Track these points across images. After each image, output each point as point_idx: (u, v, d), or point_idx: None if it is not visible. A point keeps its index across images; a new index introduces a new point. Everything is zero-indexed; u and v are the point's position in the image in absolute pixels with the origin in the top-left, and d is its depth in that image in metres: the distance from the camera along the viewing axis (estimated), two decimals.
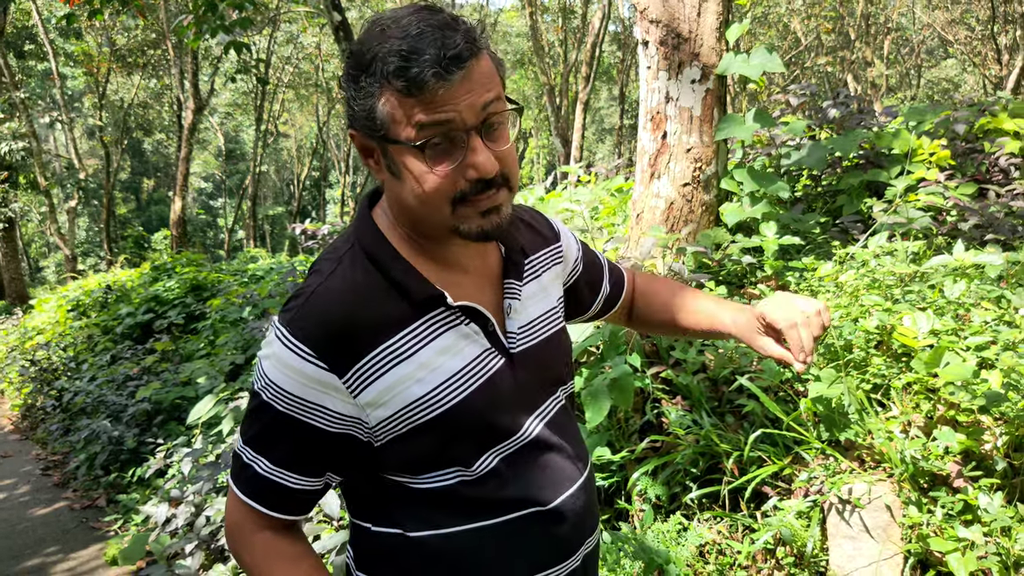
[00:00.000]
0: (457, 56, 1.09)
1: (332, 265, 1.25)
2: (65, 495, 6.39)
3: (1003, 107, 5.12)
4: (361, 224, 1.29)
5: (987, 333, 2.97)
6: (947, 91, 30.67)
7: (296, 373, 1.18)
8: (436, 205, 1.18)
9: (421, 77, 1.08)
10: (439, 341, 1.23)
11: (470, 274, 1.33)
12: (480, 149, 1.14)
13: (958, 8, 24.02)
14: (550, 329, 1.44)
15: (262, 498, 1.26)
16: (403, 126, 1.13)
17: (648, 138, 4.65)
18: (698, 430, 3.31)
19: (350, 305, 1.20)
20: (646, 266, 4.26)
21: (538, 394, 1.37)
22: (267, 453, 1.24)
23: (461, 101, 1.11)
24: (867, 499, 2.73)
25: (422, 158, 1.14)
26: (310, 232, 5.80)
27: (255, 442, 1.25)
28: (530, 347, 1.37)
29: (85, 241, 39.46)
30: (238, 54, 7.88)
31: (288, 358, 1.18)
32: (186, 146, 18.66)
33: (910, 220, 4.02)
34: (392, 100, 1.12)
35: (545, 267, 1.49)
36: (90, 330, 10.39)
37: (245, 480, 1.27)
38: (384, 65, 1.10)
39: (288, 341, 1.18)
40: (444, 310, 1.25)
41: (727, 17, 4.49)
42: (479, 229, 1.20)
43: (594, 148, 42.83)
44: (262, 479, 1.25)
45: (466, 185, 1.16)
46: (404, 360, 1.21)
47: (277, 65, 28.44)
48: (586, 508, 1.42)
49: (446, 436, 1.23)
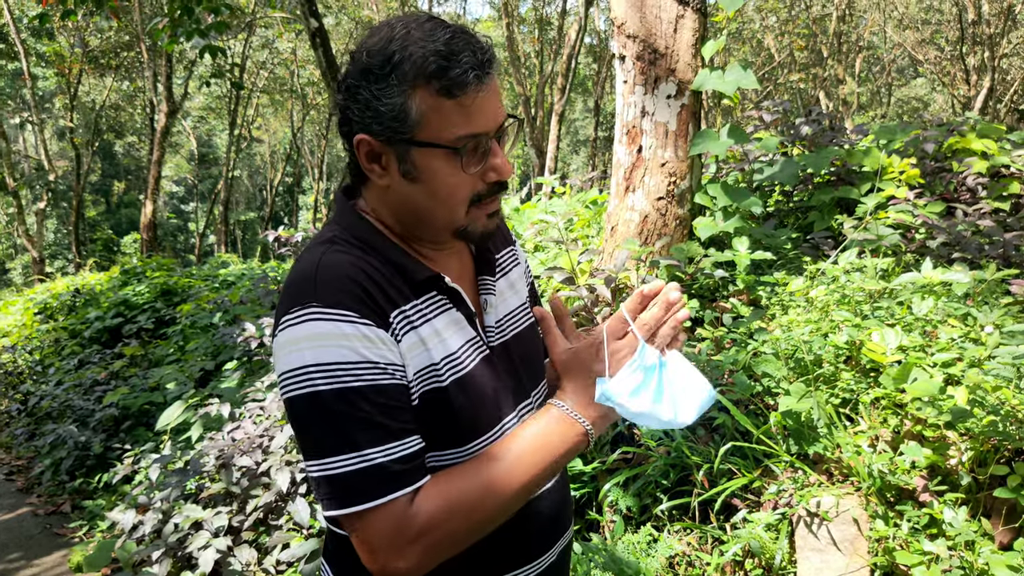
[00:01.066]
0: (490, 60, 1.16)
1: (323, 247, 1.24)
2: (29, 500, 6.30)
3: (971, 127, 5.21)
4: (350, 217, 1.29)
5: (954, 350, 3.01)
6: (917, 110, 31.12)
7: (348, 339, 1.12)
8: (454, 206, 1.22)
9: (463, 79, 1.12)
10: (439, 319, 1.26)
11: (450, 271, 1.35)
12: (499, 154, 1.21)
13: (928, 29, 24.42)
14: (524, 323, 1.47)
15: (400, 481, 1.14)
16: (433, 127, 1.15)
17: (624, 151, 4.68)
18: (669, 442, 3.33)
19: (360, 271, 1.19)
20: (620, 278, 4.29)
21: (520, 387, 1.38)
22: (385, 437, 1.13)
23: (488, 107, 1.17)
24: (835, 512, 2.76)
25: (454, 160, 1.17)
26: (283, 239, 5.77)
27: (369, 440, 1.13)
28: (507, 340, 1.39)
29: (53, 243, 38.92)
30: (213, 58, 7.84)
31: (333, 329, 1.12)
32: (158, 149, 18.48)
33: (880, 237, 4.08)
34: (428, 100, 1.14)
35: (511, 265, 1.52)
36: (57, 334, 10.25)
37: (391, 476, 1.13)
38: (421, 65, 1.12)
39: (324, 314, 1.12)
40: (437, 294, 1.27)
41: (703, 33, 4.54)
42: (483, 229, 1.26)
43: (568, 159, 42.96)
44: (401, 459, 1.14)
45: (483, 188, 1.22)
46: (416, 327, 1.22)
47: (252, 70, 28.26)
48: (564, 501, 1.46)
49: (442, 413, 1.23)
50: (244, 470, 3.97)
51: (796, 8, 22.29)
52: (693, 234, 4.65)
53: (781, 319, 3.74)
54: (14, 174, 21.46)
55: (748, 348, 3.52)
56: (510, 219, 6.80)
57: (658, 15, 4.45)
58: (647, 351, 1.21)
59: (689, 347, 3.84)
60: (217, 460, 4.10)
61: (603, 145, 28.55)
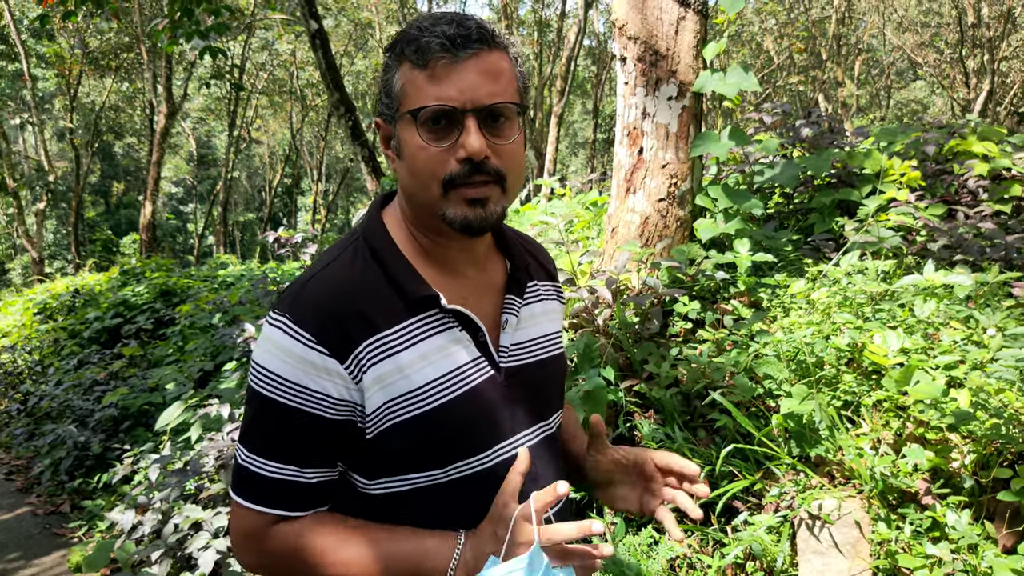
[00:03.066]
0: (466, 36, 1.16)
1: (334, 255, 1.28)
2: (28, 500, 6.29)
3: (972, 130, 5.21)
4: (369, 221, 1.32)
5: (956, 352, 3.01)
6: (916, 112, 31.15)
7: (297, 360, 1.17)
8: (426, 182, 1.20)
9: (428, 45, 1.15)
10: (430, 341, 1.24)
11: (470, 282, 1.34)
12: (473, 132, 1.17)
13: (927, 31, 24.45)
14: (547, 353, 1.44)
15: (281, 502, 1.22)
16: (409, 99, 1.18)
17: (624, 153, 4.68)
18: (670, 444, 3.33)
19: (346, 294, 1.21)
20: (620, 279, 4.29)
21: (525, 416, 1.36)
22: (279, 454, 1.21)
23: (464, 81, 1.16)
24: (837, 515, 2.76)
25: (417, 130, 1.18)
26: (283, 239, 5.76)
27: (266, 447, 1.21)
28: (522, 366, 1.37)
29: (52, 244, 38.90)
30: (213, 59, 7.84)
31: (289, 345, 1.17)
32: (158, 150, 18.47)
33: (881, 239, 4.08)
34: (406, 74, 1.19)
35: (548, 297, 1.51)
36: (57, 334, 10.24)
37: (258, 489, 1.22)
38: (403, 41, 1.18)
39: (288, 328, 1.18)
40: (437, 312, 1.26)
41: (704, 35, 4.54)
42: (463, 218, 1.21)
43: (567, 161, 42.98)
44: (279, 483, 1.21)
45: (456, 167, 1.19)
46: (395, 354, 1.21)
47: (251, 71, 28.26)
48: (563, 510, 1.42)
49: (423, 437, 1.22)
50: None
51: (795, 11, 22.32)
52: (694, 236, 4.64)
53: (782, 321, 3.74)
54: (14, 175, 21.48)
55: (749, 350, 3.52)
56: (510, 220, 6.79)
57: (659, 17, 4.45)
58: (541, 557, 1.13)
59: (691, 349, 3.84)
60: (216, 460, 4.09)
61: (602, 147, 28.57)
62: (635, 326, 4.13)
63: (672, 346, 3.92)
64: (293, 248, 5.99)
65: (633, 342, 4.02)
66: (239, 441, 1.24)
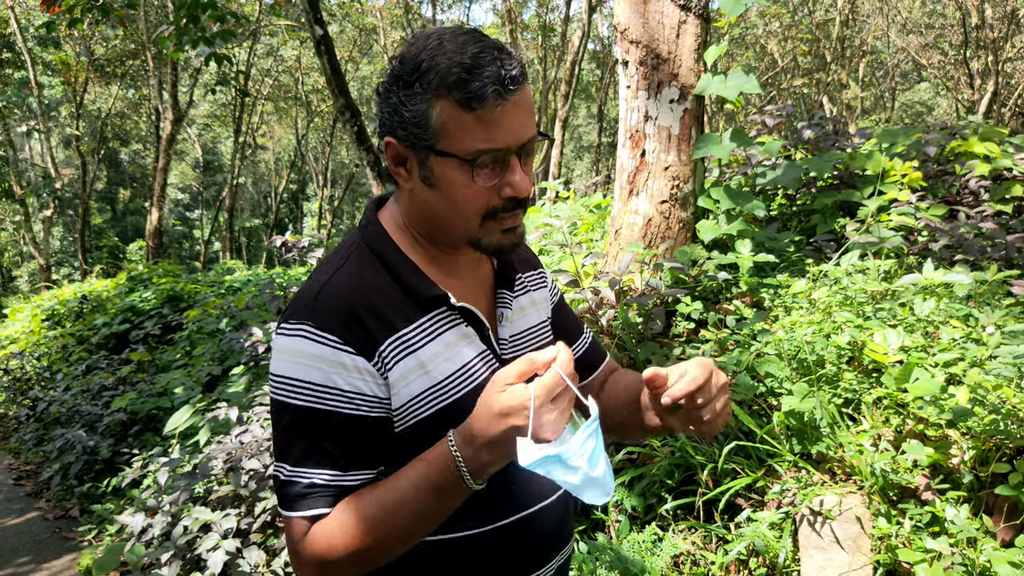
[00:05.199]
0: (514, 78, 1.16)
1: (339, 262, 1.29)
2: (38, 505, 6.34)
3: (973, 131, 5.24)
4: (369, 226, 1.34)
5: (955, 350, 3.04)
6: (920, 114, 31.14)
7: (329, 364, 1.19)
8: (468, 217, 1.24)
9: (482, 92, 1.14)
10: (443, 338, 1.28)
11: (465, 282, 1.38)
12: (519, 171, 1.22)
13: (932, 33, 24.45)
14: (540, 342, 1.49)
15: (324, 503, 1.21)
16: (453, 138, 1.18)
17: (627, 156, 4.72)
18: (673, 442, 3.36)
19: (362, 296, 1.23)
20: (624, 280, 4.32)
21: None
22: (323, 461, 1.20)
23: (511, 123, 1.18)
24: (838, 511, 2.79)
25: (469, 172, 1.19)
26: (289, 244, 5.80)
27: (307, 456, 1.20)
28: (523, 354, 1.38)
29: (59, 251, 39.06)
30: (219, 66, 7.89)
31: (317, 351, 1.19)
32: (164, 157, 18.55)
33: (882, 239, 4.11)
34: (448, 111, 1.17)
35: (534, 286, 1.55)
36: (65, 340, 10.31)
37: (307, 499, 1.20)
38: (444, 75, 1.15)
39: (312, 335, 1.19)
40: (446, 310, 1.30)
41: (705, 38, 4.57)
42: (498, 243, 1.27)
43: (572, 165, 43.02)
44: (325, 488, 1.20)
45: (499, 202, 1.23)
46: (413, 352, 1.25)
47: (257, 77, 28.36)
48: (563, 520, 1.45)
49: (440, 433, 1.23)
50: (252, 473, 4.00)
51: (799, 13, 22.34)
52: (696, 237, 4.68)
53: (784, 320, 3.77)
54: (21, 182, 21.57)
55: (751, 349, 3.55)
56: None
57: (661, 21, 4.49)
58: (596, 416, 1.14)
59: (693, 349, 3.87)
60: (225, 463, 4.13)
61: (606, 150, 28.60)
62: (638, 326, 4.16)
63: (675, 346, 3.95)
64: (299, 253, 6.03)
65: (637, 342, 4.05)
66: (277, 461, 1.23)
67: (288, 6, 16.01)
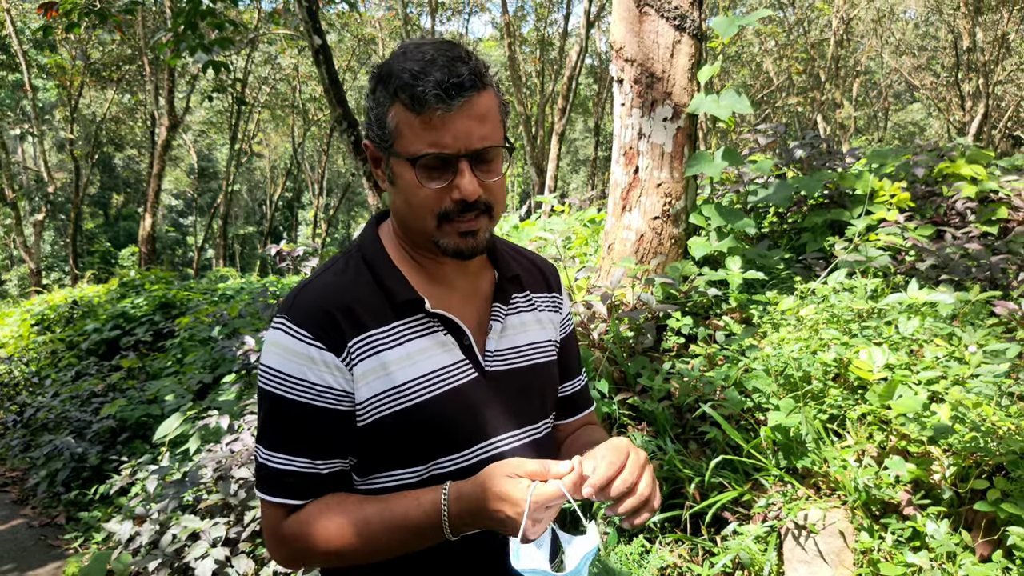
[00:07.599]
0: (459, 85, 1.21)
1: (329, 266, 1.39)
2: (23, 512, 6.29)
3: (961, 153, 5.31)
4: (365, 235, 1.43)
5: (938, 368, 3.08)
6: (913, 134, 31.34)
7: (299, 357, 1.27)
8: (423, 216, 1.30)
9: (423, 96, 1.20)
10: (415, 343, 1.33)
11: (457, 291, 1.42)
12: (467, 175, 1.25)
13: (924, 55, 24.66)
14: (536, 359, 1.50)
15: (298, 493, 1.31)
16: (404, 140, 1.25)
17: (621, 172, 4.76)
18: (662, 455, 3.39)
19: (337, 295, 1.31)
20: (616, 295, 4.36)
21: (510, 418, 1.42)
22: (294, 447, 1.30)
23: (458, 128, 1.23)
24: (822, 525, 2.82)
25: (414, 173, 1.26)
26: (284, 253, 5.82)
27: (281, 442, 1.31)
28: (509, 370, 1.43)
29: (50, 255, 38.93)
30: (216, 73, 7.92)
31: (291, 344, 1.28)
32: (159, 163, 18.53)
33: (870, 259, 4.16)
34: (400, 114, 1.25)
35: (543, 307, 1.57)
36: (54, 345, 10.27)
37: (279, 483, 1.31)
38: (396, 80, 1.23)
39: (288, 328, 1.28)
40: (423, 316, 1.35)
41: (699, 58, 4.64)
42: (455, 247, 1.31)
43: (568, 178, 43.10)
44: (296, 475, 1.30)
45: (450, 204, 1.28)
46: (378, 353, 1.30)
47: (254, 85, 28.38)
48: None
49: (403, 432, 1.31)
50: (242, 481, 4.00)
51: (795, 33, 22.50)
52: (688, 253, 4.72)
53: (772, 337, 3.81)
54: (13, 185, 21.53)
55: (740, 364, 3.59)
56: (510, 236, 6.86)
57: (656, 40, 4.55)
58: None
59: (683, 363, 3.91)
60: (215, 472, 4.13)
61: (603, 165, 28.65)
62: (629, 340, 4.20)
63: (665, 360, 3.99)
64: (294, 261, 6.05)
65: (627, 356, 4.09)
66: (257, 442, 1.33)
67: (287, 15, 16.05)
